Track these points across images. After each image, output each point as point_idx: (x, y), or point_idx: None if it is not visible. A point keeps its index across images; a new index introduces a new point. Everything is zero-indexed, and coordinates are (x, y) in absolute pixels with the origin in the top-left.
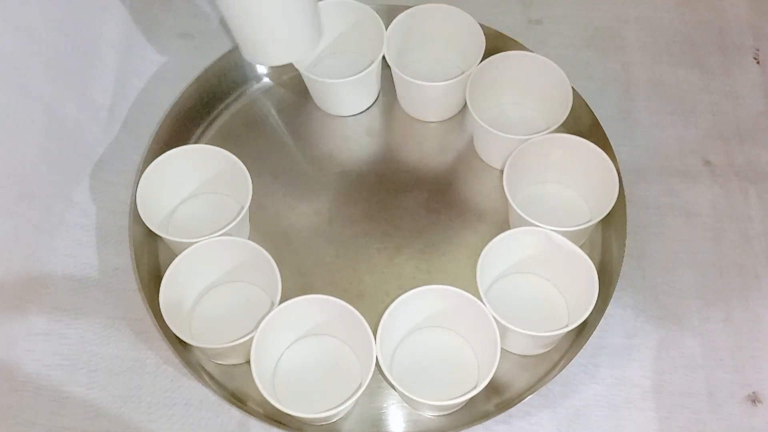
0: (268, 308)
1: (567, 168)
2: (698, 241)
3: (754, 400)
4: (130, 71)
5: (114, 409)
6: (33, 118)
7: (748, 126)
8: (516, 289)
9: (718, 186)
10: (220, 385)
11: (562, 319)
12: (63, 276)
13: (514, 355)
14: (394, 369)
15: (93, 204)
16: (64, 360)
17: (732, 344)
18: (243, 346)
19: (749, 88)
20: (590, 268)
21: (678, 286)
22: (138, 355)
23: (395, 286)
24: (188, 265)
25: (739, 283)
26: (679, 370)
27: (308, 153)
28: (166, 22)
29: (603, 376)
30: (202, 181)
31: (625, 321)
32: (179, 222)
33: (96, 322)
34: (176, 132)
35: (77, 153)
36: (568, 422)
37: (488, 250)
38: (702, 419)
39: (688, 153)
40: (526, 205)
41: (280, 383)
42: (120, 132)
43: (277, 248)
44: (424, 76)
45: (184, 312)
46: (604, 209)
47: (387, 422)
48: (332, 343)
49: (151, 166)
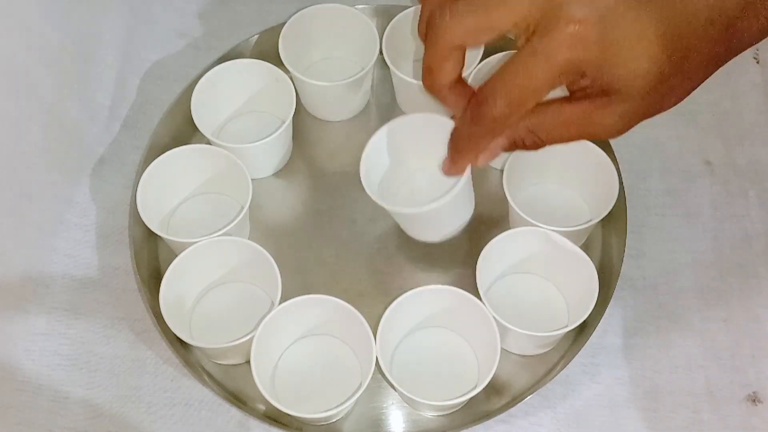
0: (268, 308)
1: (567, 168)
2: (698, 241)
3: (754, 400)
4: (130, 71)
5: (114, 409)
6: (33, 118)
7: (748, 126)
8: (516, 289)
9: (718, 186)
10: (220, 385)
11: (562, 319)
12: (63, 276)
13: (514, 355)
14: (394, 369)
15: (93, 204)
16: (64, 360)
17: (732, 344)
18: (243, 346)
19: (749, 88)
20: (590, 268)
21: (678, 286)
22: (138, 355)
23: (395, 286)
24: (188, 265)
25: (739, 283)
26: (679, 370)
27: (308, 153)
28: (166, 22)
29: (603, 376)
30: (202, 181)
31: (625, 321)
32: (179, 222)
33: (96, 322)
34: (176, 132)
35: (77, 153)
36: (568, 422)
37: (488, 250)
38: (702, 419)
39: (688, 153)
40: (526, 205)
41: (280, 383)
42: (120, 132)
43: (277, 248)
44: None
45: (184, 312)
46: (604, 209)
47: (387, 422)
48: (332, 343)
49: (151, 166)
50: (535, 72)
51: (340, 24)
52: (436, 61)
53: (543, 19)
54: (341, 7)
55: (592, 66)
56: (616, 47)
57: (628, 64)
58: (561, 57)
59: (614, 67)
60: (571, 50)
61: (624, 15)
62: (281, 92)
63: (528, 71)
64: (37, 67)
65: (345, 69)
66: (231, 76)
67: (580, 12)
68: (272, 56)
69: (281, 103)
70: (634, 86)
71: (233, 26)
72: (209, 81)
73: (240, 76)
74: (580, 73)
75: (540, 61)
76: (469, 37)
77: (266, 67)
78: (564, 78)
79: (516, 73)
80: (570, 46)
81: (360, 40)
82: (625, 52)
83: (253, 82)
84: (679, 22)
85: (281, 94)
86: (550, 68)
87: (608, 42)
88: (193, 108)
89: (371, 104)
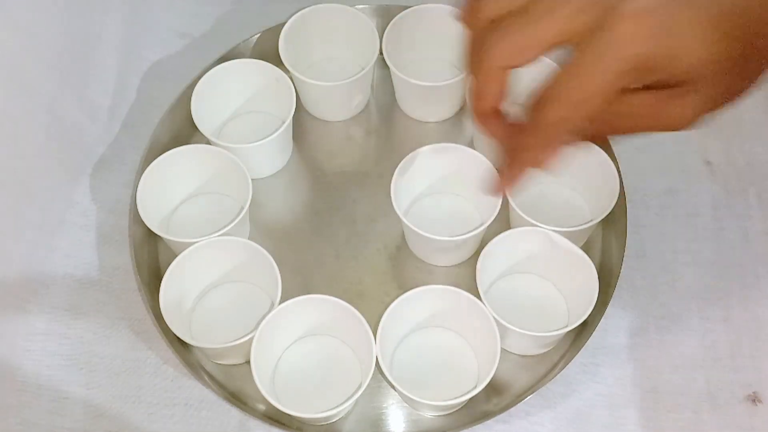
0: (268, 308)
1: (567, 168)
2: (698, 241)
3: (754, 400)
4: (130, 71)
5: (114, 409)
6: (33, 118)
7: (748, 126)
8: (516, 289)
9: (718, 186)
10: (220, 385)
11: (562, 319)
12: (63, 276)
13: (514, 355)
14: (394, 369)
15: (93, 204)
16: (64, 360)
17: (732, 344)
18: (243, 346)
19: None
20: (590, 268)
21: (678, 286)
22: (138, 355)
23: (395, 286)
24: (188, 265)
25: (739, 283)
26: (679, 370)
27: (308, 153)
28: (166, 22)
29: (603, 376)
30: (202, 181)
31: (625, 321)
32: (179, 222)
33: (96, 322)
34: (176, 132)
35: (77, 153)
36: (568, 422)
37: (488, 250)
38: (702, 419)
39: (688, 153)
40: (526, 205)
41: (280, 383)
42: (120, 132)
43: (277, 248)
44: (424, 76)
45: (184, 312)
46: (604, 209)
47: (387, 422)
48: (332, 343)
49: (151, 166)
50: (594, 74)
51: (340, 24)
52: (486, 85)
53: (596, 21)
54: (341, 7)
55: (659, 59)
56: (679, 37)
57: (695, 52)
58: (619, 54)
59: (682, 57)
60: (635, 45)
61: (680, 2)
62: (281, 92)
63: (586, 74)
64: (37, 67)
65: (345, 69)
66: (231, 76)
67: (632, 7)
68: (272, 56)
69: (281, 103)
70: (704, 74)
71: (233, 26)
72: (209, 81)
73: (240, 76)
74: (647, 69)
75: (597, 61)
76: (517, 55)
77: (266, 67)
78: (630, 76)
79: (572, 77)
80: (633, 41)
81: (360, 40)
82: (689, 41)
83: (253, 82)
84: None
85: (281, 94)
86: (609, 68)
87: (670, 32)
88: (193, 108)
89: (371, 104)
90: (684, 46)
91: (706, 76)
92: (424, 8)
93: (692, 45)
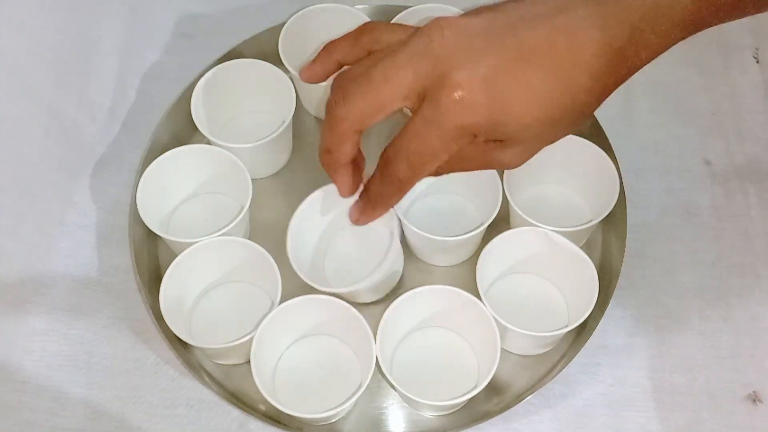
0: (268, 308)
1: (567, 168)
2: (698, 241)
3: (754, 400)
4: (130, 71)
5: (114, 409)
6: (33, 118)
7: (748, 126)
8: (516, 289)
9: (718, 186)
10: (220, 385)
11: (562, 319)
12: (63, 276)
13: (514, 355)
14: (394, 369)
15: (93, 204)
16: (64, 360)
17: (732, 344)
18: (243, 346)
19: (749, 88)
20: (590, 268)
21: (678, 286)
22: (138, 355)
23: (395, 286)
24: (188, 265)
25: (739, 283)
26: (679, 370)
27: (308, 153)
28: (166, 22)
29: (603, 376)
30: (202, 181)
31: (625, 321)
32: (179, 222)
33: (96, 322)
34: (176, 132)
35: (77, 153)
36: (568, 422)
37: (488, 250)
38: (702, 419)
39: (688, 153)
40: (527, 205)
41: (280, 383)
42: (120, 132)
43: (277, 248)
44: None
45: (184, 312)
46: (604, 209)
47: (387, 422)
48: (332, 343)
49: (151, 166)
50: (430, 140)
51: (340, 24)
52: (334, 144)
53: (430, 87)
54: (341, 7)
55: (482, 128)
56: (503, 105)
57: (517, 119)
58: (451, 125)
59: (503, 126)
60: (459, 116)
61: (509, 71)
62: (281, 92)
63: (422, 139)
64: (37, 68)
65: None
66: (231, 76)
67: (463, 76)
68: (272, 56)
69: (281, 103)
70: (525, 135)
71: (233, 26)
72: (209, 81)
73: (240, 76)
74: (472, 135)
75: (432, 129)
76: (365, 119)
77: (266, 67)
78: (464, 138)
79: (411, 140)
80: (457, 112)
81: None
82: (514, 107)
83: (253, 82)
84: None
85: (281, 94)
86: (442, 136)
87: (495, 101)
88: (193, 108)
89: None
90: (510, 114)
91: (527, 137)
92: (424, 8)
93: (519, 113)
